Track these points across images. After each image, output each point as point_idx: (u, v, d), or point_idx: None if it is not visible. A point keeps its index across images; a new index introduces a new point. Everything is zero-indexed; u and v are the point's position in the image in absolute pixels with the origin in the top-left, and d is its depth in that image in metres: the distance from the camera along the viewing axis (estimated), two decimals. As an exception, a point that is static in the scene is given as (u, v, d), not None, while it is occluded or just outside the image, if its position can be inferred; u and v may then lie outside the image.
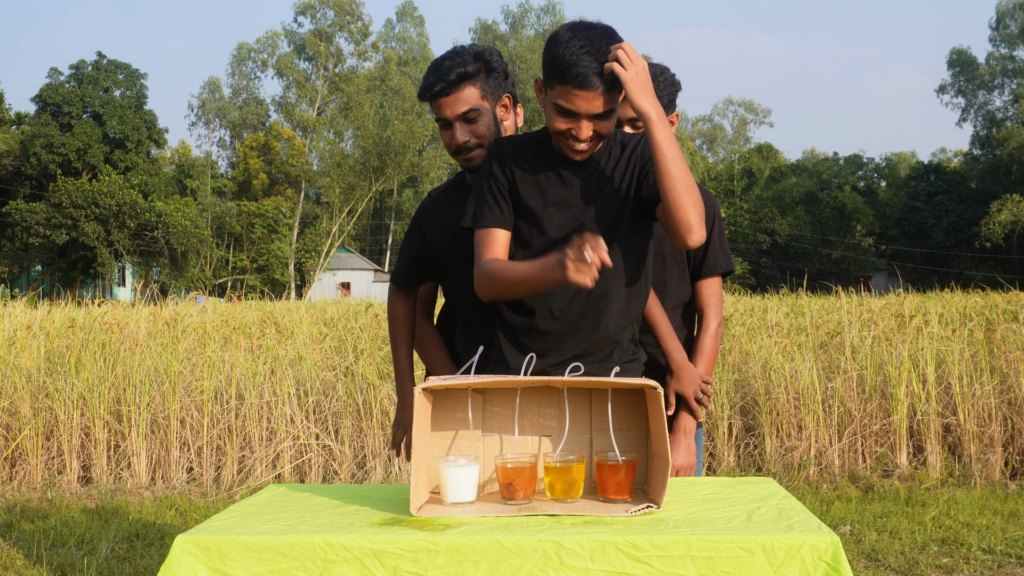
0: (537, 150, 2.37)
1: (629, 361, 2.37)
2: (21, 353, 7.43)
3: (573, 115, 2.21)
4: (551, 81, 2.21)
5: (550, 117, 2.24)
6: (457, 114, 2.50)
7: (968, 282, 41.04)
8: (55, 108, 45.71)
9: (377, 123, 52.21)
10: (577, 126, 2.22)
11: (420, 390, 1.97)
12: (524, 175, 2.35)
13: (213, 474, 6.71)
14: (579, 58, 2.15)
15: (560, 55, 2.16)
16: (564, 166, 2.34)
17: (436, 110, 2.55)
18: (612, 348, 2.34)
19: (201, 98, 62.50)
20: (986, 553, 4.90)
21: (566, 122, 2.23)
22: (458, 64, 2.50)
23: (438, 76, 2.49)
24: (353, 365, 7.24)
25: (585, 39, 2.17)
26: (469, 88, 2.50)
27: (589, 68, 2.15)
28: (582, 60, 2.15)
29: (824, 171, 62.14)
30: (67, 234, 41.32)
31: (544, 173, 2.35)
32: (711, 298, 2.78)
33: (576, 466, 1.98)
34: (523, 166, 2.35)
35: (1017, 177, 55.27)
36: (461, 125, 2.51)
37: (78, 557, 4.96)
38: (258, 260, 54.60)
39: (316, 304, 16.37)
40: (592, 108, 2.19)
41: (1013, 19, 59.07)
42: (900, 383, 6.69)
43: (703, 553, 1.71)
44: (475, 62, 2.52)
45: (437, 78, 2.50)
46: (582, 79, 2.16)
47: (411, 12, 62.80)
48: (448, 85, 2.49)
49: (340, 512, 1.97)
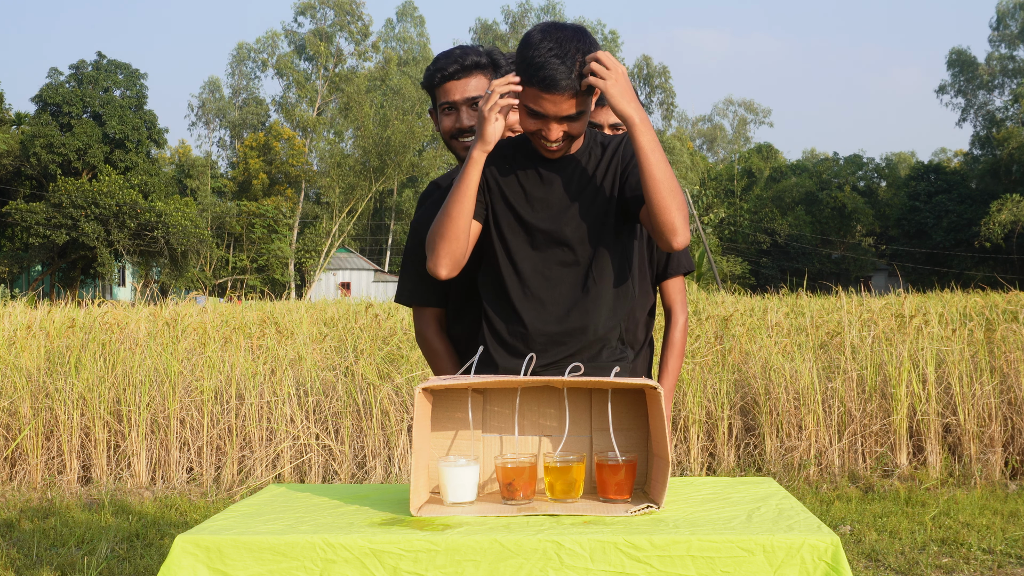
0: (516, 151, 2.40)
1: (618, 360, 2.38)
2: (21, 353, 7.43)
3: (542, 117, 2.22)
4: (523, 82, 2.22)
5: (521, 118, 2.26)
6: (466, 97, 2.58)
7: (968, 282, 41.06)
8: (55, 108, 45.69)
9: (377, 123, 52.21)
10: (546, 127, 2.23)
11: (420, 390, 1.97)
12: (503, 176, 2.37)
13: (213, 474, 6.72)
14: (547, 61, 2.16)
15: (530, 57, 2.18)
16: (544, 165, 2.36)
17: (443, 95, 2.62)
18: (601, 347, 2.35)
19: (201, 98, 62.48)
20: (986, 553, 4.90)
21: (535, 123, 2.24)
22: (472, 53, 2.61)
23: (452, 60, 2.59)
24: (353, 365, 7.24)
25: (555, 41, 2.17)
26: (480, 76, 2.60)
27: (557, 71, 2.16)
28: (550, 63, 2.16)
29: (824, 171, 62.13)
30: (67, 234, 41.31)
31: (524, 171, 2.37)
32: (677, 295, 2.85)
33: (576, 466, 1.98)
34: (503, 166, 2.37)
35: (1017, 177, 55.27)
36: (467, 110, 2.59)
37: (78, 557, 4.96)
38: (258, 260, 54.59)
39: (316, 304, 16.36)
40: (560, 111, 2.20)
41: (1013, 19, 59.07)
42: (900, 383, 6.69)
43: (703, 553, 1.71)
44: (487, 56, 2.63)
45: (451, 61, 2.59)
46: (549, 82, 2.16)
47: (411, 12, 62.79)
48: (463, 69, 2.59)
49: (340, 512, 1.97)
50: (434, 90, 2.65)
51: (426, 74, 2.66)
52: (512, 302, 2.32)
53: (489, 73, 2.62)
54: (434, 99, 2.69)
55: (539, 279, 2.32)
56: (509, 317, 2.33)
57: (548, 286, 2.32)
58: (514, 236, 2.34)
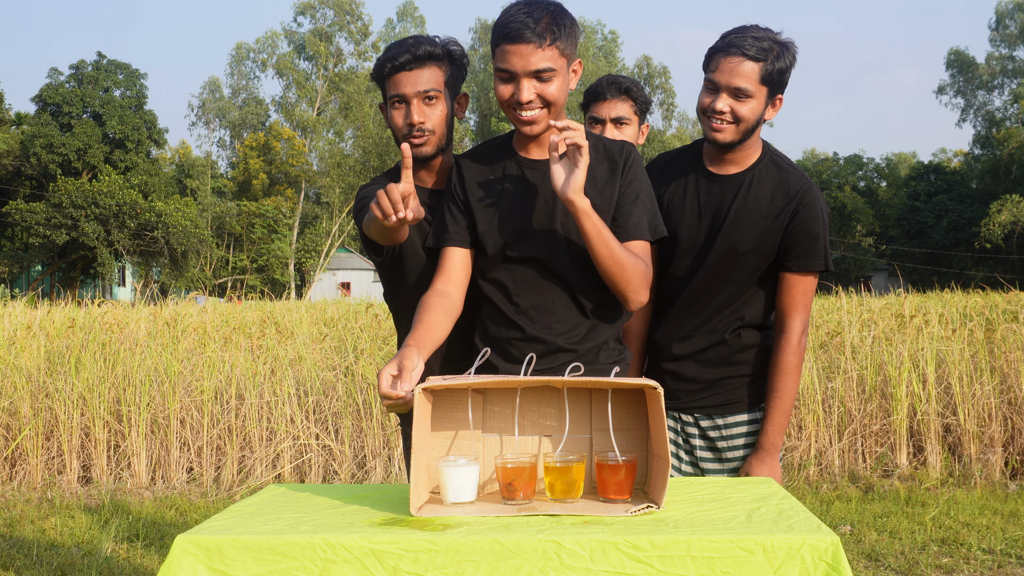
0: (497, 149, 2.41)
1: (615, 362, 2.39)
2: (21, 353, 7.43)
3: (511, 77, 2.22)
4: (493, 50, 2.24)
5: (496, 90, 2.26)
6: (418, 91, 2.40)
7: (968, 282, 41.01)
8: (55, 108, 45.69)
9: (377, 123, 52.19)
10: (517, 88, 2.22)
11: (420, 390, 1.97)
12: (476, 173, 2.39)
13: (213, 474, 6.71)
14: (514, 16, 2.18)
15: (498, 20, 2.21)
16: (528, 166, 2.37)
17: (392, 87, 2.43)
18: (599, 350, 2.38)
19: (201, 98, 62.44)
20: (986, 553, 4.90)
21: (507, 87, 2.24)
22: (426, 43, 2.43)
23: (403, 49, 2.41)
24: (353, 365, 7.24)
25: (524, 3, 2.21)
26: (434, 68, 2.43)
27: (521, 22, 2.16)
28: (517, 17, 2.17)
29: (824, 171, 62.13)
30: (67, 234, 41.31)
31: (502, 163, 2.38)
32: None
33: (576, 466, 1.98)
34: (477, 164, 2.40)
35: (1017, 177, 55.25)
36: (419, 104, 2.41)
37: (78, 557, 4.96)
38: (258, 260, 54.58)
39: (316, 304, 16.36)
40: (527, 64, 2.19)
41: (1012, 19, 59.05)
42: (900, 383, 6.69)
43: (703, 553, 1.70)
44: (441, 47, 2.45)
45: (403, 51, 2.40)
46: (513, 33, 2.17)
47: (411, 12, 62.73)
48: (415, 59, 2.40)
49: (340, 512, 1.96)
50: (384, 82, 2.45)
51: (376, 64, 2.47)
52: (506, 315, 2.35)
53: (444, 66, 2.44)
54: (383, 91, 2.48)
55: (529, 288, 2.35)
56: (507, 328, 2.36)
57: (540, 294, 2.34)
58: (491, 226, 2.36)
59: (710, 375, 2.67)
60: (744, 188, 2.61)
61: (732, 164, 2.63)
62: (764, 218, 2.58)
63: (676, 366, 2.67)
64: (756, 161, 2.63)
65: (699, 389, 2.68)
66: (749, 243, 2.58)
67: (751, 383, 2.68)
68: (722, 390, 2.67)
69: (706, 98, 2.54)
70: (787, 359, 2.61)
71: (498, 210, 2.35)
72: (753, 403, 2.69)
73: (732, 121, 2.52)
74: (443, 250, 2.38)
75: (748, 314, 2.65)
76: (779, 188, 2.60)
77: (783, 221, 2.57)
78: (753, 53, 2.48)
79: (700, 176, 2.66)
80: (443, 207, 2.41)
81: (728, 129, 2.53)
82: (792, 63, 2.54)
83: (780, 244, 2.59)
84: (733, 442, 2.68)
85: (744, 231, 2.58)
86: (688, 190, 2.65)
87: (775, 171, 2.62)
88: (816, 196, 2.60)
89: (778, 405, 2.62)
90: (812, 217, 2.57)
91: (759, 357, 2.68)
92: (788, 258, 2.60)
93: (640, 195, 2.35)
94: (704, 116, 2.56)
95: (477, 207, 2.36)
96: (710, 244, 2.61)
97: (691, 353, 2.66)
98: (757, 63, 2.48)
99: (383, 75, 2.44)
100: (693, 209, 2.64)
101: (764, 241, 2.58)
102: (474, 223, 2.36)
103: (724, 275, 2.61)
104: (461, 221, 2.36)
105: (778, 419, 2.62)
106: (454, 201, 2.39)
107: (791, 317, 2.61)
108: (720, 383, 2.67)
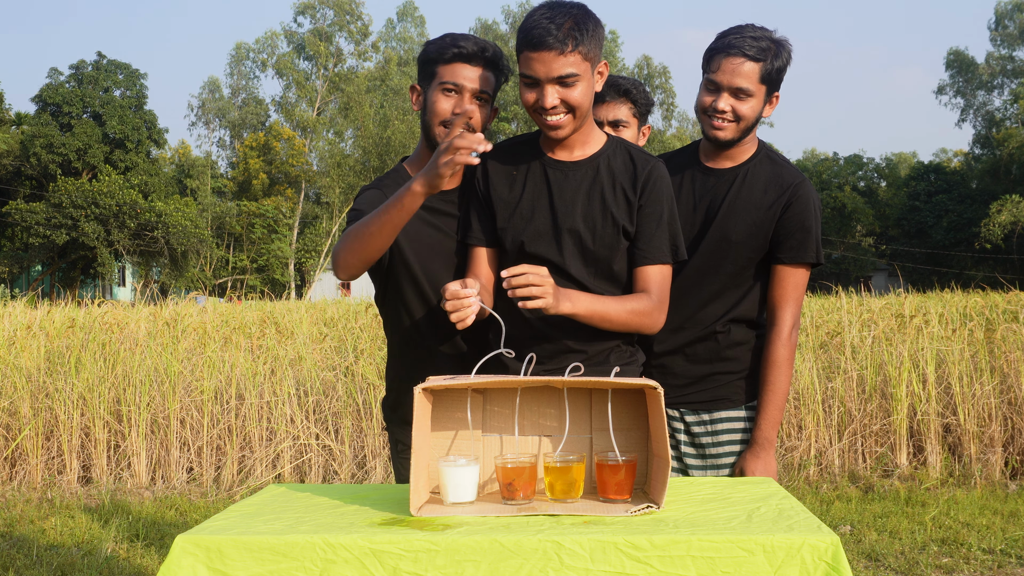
0: (523, 146, 2.41)
1: (627, 364, 2.38)
2: (21, 353, 7.43)
3: (535, 83, 2.22)
4: (517, 56, 2.24)
5: (520, 95, 2.26)
6: (473, 88, 2.44)
7: (968, 282, 41.00)
8: (55, 108, 45.68)
9: (377, 123, 52.17)
10: (541, 94, 2.22)
11: (420, 390, 1.97)
12: (499, 170, 2.38)
13: (213, 474, 6.71)
14: (537, 21, 2.18)
15: (522, 25, 2.21)
16: (552, 166, 2.36)
17: (450, 73, 2.44)
18: (609, 352, 2.37)
19: (201, 98, 62.42)
20: (986, 553, 4.90)
21: (532, 93, 2.24)
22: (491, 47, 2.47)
23: (472, 42, 2.44)
24: (353, 365, 7.24)
25: (548, 7, 2.20)
26: (490, 74, 2.49)
27: (544, 29, 2.16)
28: (540, 23, 2.17)
29: (824, 171, 62.12)
30: (67, 234, 41.31)
31: (527, 161, 2.38)
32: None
33: (576, 466, 1.98)
34: (500, 160, 2.39)
35: (1017, 177, 55.23)
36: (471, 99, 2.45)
37: (78, 557, 4.96)
38: (258, 260, 54.57)
39: (316, 304, 16.35)
40: (550, 71, 2.19)
41: (1012, 20, 59.04)
42: (900, 383, 6.68)
43: (703, 553, 1.70)
44: (497, 57, 2.49)
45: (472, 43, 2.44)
46: (535, 40, 2.17)
47: (412, 12, 62.73)
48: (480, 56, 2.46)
49: (340, 512, 1.96)
50: (438, 65, 2.44)
51: (434, 45, 2.45)
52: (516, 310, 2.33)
53: (496, 75, 2.48)
54: (432, 74, 2.46)
55: None
56: (519, 327, 2.35)
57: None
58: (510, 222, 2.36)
59: (698, 371, 2.68)
60: (739, 180, 2.64)
61: (728, 159, 2.67)
62: (757, 208, 2.61)
63: (664, 360, 2.68)
64: (751, 156, 2.68)
65: (686, 384, 2.68)
66: (742, 233, 2.61)
67: (743, 380, 2.69)
68: (710, 386, 2.68)
69: (707, 98, 2.57)
70: (778, 352, 2.62)
71: (518, 208, 2.35)
72: (746, 400, 2.69)
73: (733, 120, 2.56)
74: (469, 248, 2.41)
75: (739, 309, 2.66)
76: (773, 180, 2.63)
77: (776, 212, 2.61)
78: (753, 53, 2.52)
79: (696, 171, 2.70)
80: (467, 203, 2.43)
81: (729, 127, 2.58)
82: (788, 61, 2.59)
83: (773, 236, 2.62)
84: (720, 438, 2.69)
85: (737, 221, 2.61)
86: (684, 184, 2.69)
87: (769, 165, 2.67)
88: (809, 189, 2.63)
89: (771, 399, 2.63)
90: (805, 209, 2.61)
91: (751, 355, 2.69)
92: (780, 250, 2.62)
93: (663, 217, 2.35)
94: (704, 115, 2.59)
95: (498, 203, 2.37)
96: (703, 234, 2.64)
97: (679, 347, 2.67)
98: (757, 63, 2.53)
99: (443, 58, 2.43)
100: (688, 202, 2.67)
101: (757, 231, 2.61)
102: (494, 219, 2.37)
103: (715, 266, 2.63)
104: (483, 217, 2.37)
105: (771, 413, 2.63)
106: (476, 196, 2.40)
107: (782, 310, 2.63)
108: (708, 379, 2.68)
